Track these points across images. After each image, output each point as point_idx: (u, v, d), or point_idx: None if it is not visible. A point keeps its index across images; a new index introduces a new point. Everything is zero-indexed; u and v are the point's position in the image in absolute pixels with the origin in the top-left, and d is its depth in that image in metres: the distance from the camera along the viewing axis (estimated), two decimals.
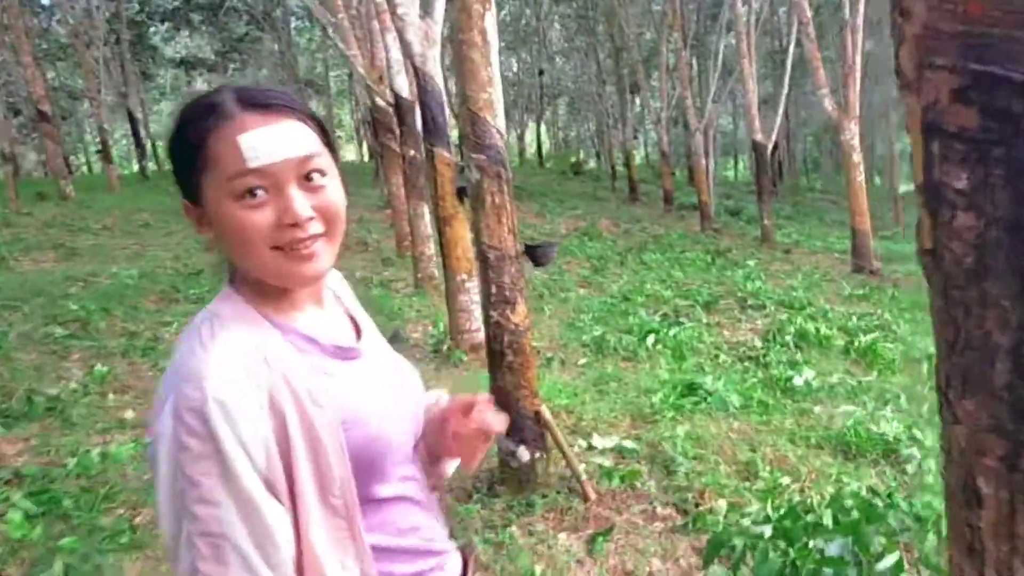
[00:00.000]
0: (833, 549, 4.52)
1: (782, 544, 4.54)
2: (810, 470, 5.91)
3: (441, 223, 8.41)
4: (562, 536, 4.92)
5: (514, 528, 4.91)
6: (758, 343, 9.83)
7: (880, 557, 4.53)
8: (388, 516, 1.56)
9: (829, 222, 33.33)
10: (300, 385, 1.36)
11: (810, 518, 4.99)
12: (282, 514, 1.31)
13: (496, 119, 4.99)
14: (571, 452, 5.23)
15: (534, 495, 5.16)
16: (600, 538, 4.84)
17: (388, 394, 1.58)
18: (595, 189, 34.67)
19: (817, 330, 10.08)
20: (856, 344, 9.70)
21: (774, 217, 22.54)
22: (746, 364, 9.06)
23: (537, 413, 5.17)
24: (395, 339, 9.34)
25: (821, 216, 35.55)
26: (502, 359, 5.11)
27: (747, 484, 5.65)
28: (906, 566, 4.59)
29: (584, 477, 5.21)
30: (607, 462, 5.86)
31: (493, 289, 5.09)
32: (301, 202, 1.33)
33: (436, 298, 10.68)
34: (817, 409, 7.54)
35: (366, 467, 1.46)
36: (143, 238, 16.20)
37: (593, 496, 5.21)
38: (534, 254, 10.59)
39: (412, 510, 1.63)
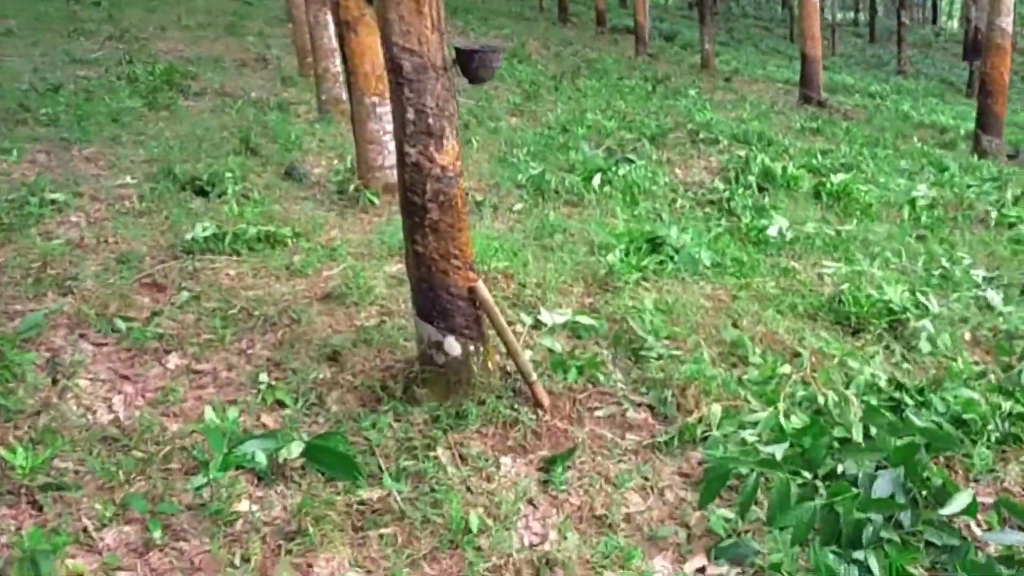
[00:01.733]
0: (881, 487, 3.31)
1: (805, 474, 3.31)
2: (810, 352, 4.68)
3: (345, 29, 6.65)
4: (506, 461, 3.60)
5: (440, 451, 3.57)
6: (718, 184, 8.48)
7: (941, 494, 3.35)
8: None
9: (765, 49, 31.80)
10: None
11: (836, 431, 3.78)
12: None
13: None
14: (516, 343, 3.84)
15: (467, 401, 3.81)
16: (558, 464, 3.53)
17: None
18: (522, 8, 32.20)
19: (784, 169, 8.76)
20: (827, 186, 8.45)
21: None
22: (707, 210, 7.73)
23: (471, 290, 3.74)
24: (291, 174, 7.70)
25: (756, 43, 33.94)
26: (423, 216, 3.61)
27: (738, 374, 4.39)
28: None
29: (534, 377, 3.84)
30: (559, 345, 4.51)
31: (410, 114, 3.53)
32: None
33: (344, 126, 8.97)
34: (796, 265, 6.29)
35: None
36: (3, 48, 13.76)
37: (546, 402, 3.86)
38: (469, 64, 8.70)
39: None
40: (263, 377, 4.11)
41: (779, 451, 3.47)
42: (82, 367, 4.10)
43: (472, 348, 3.82)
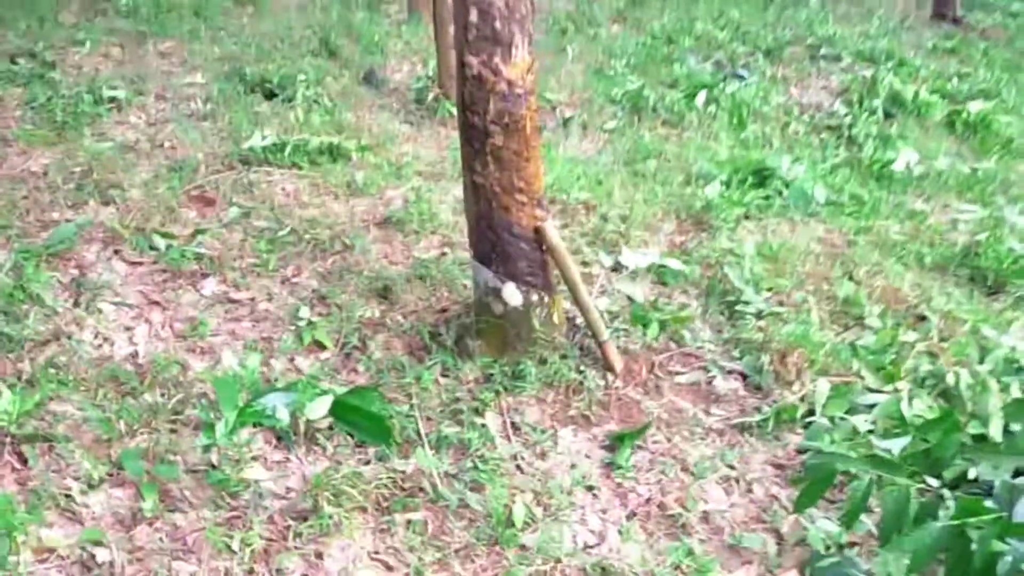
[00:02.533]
0: None
1: (930, 480, 2.70)
2: (938, 315, 3.98)
3: None
4: (565, 435, 3.07)
5: (489, 417, 3.08)
6: (839, 108, 7.58)
7: None
8: None
9: None
10: None
11: (972, 427, 3.12)
12: None
13: None
14: (586, 295, 3.27)
15: (526, 359, 3.29)
16: (627, 443, 2.99)
17: None
18: None
19: (915, 94, 7.77)
20: (962, 115, 7.45)
21: None
22: (824, 137, 6.87)
23: (538, 231, 3.16)
24: (369, 79, 7.15)
25: None
26: (484, 140, 3.04)
27: (851, 339, 3.74)
28: None
29: (605, 336, 3.28)
30: (640, 293, 3.92)
31: (473, 16, 2.92)
32: None
33: (432, 28, 8.34)
34: (925, 207, 5.49)
35: None
36: None
37: (619, 365, 3.30)
38: None
39: None
40: (304, 312, 3.66)
41: (898, 446, 2.87)
42: (109, 289, 3.72)
43: (535, 298, 3.27)
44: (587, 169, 5.27)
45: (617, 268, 4.17)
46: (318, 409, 2.90)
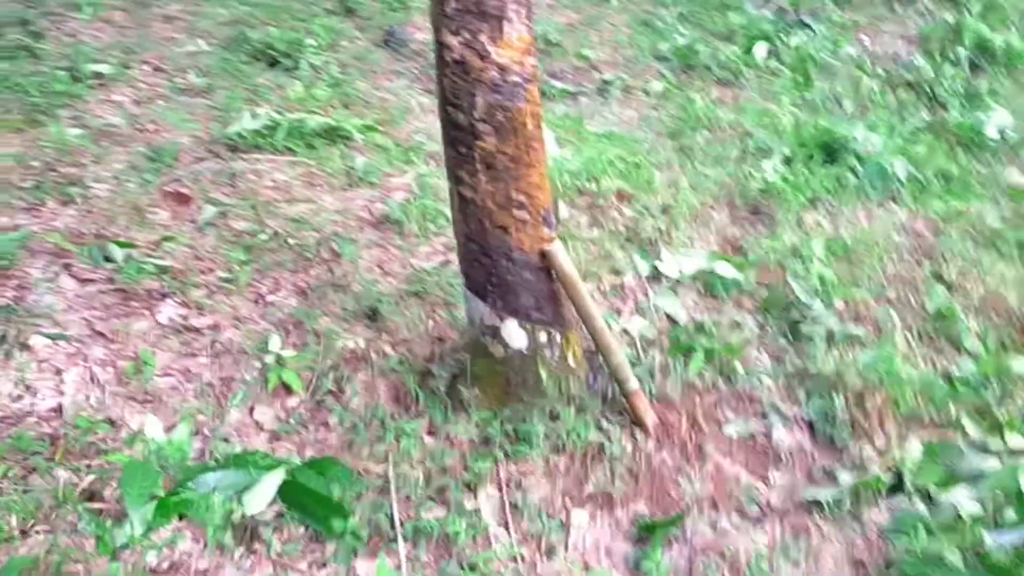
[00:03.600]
0: None
1: None
2: None
3: None
4: (579, 520, 2.41)
5: (483, 496, 2.43)
6: (918, 60, 6.64)
7: None
8: None
9: None
10: None
11: None
12: None
13: None
14: (608, 333, 2.56)
15: (533, 413, 2.62)
16: (658, 536, 2.32)
17: None
18: None
19: (1006, 43, 6.78)
20: None
21: None
22: (902, 95, 5.98)
23: (544, 255, 2.47)
24: (388, 42, 6.44)
25: None
26: (471, 143, 2.34)
27: (946, 370, 3.00)
28: None
29: (634, 384, 2.58)
30: (683, 311, 3.22)
31: None
32: None
33: None
34: (1021, 180, 4.65)
35: None
36: None
37: (651, 421, 2.62)
38: None
39: None
40: (274, 344, 3.04)
41: (1016, 541, 2.17)
42: (48, 317, 3.14)
43: (543, 337, 2.59)
44: (624, 147, 4.52)
45: (656, 276, 3.47)
46: (262, 495, 2.27)
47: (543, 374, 2.58)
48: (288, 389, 2.88)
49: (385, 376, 2.91)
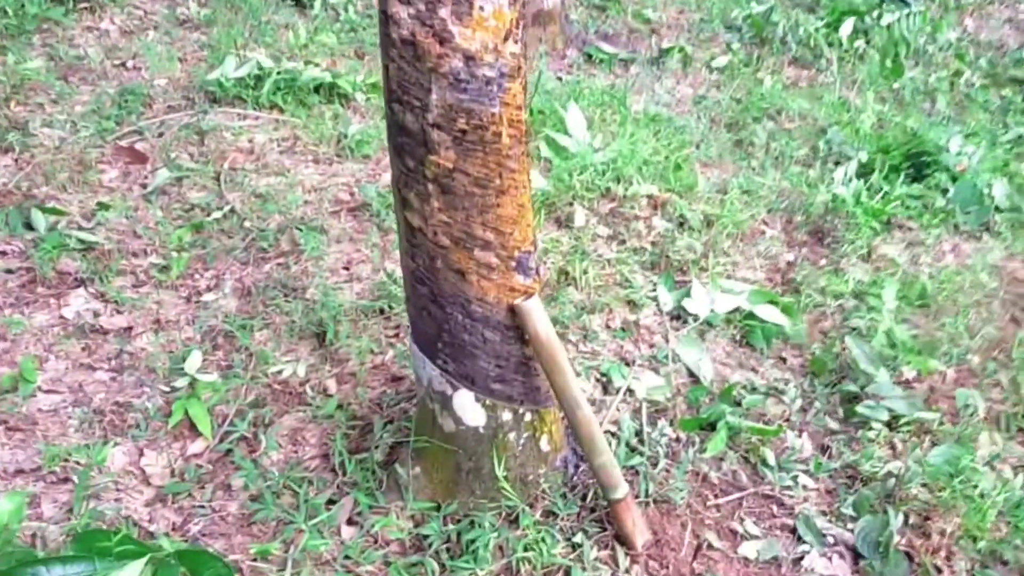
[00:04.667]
0: None
1: None
2: None
3: None
4: None
5: None
6: None
7: None
8: None
9: None
10: None
11: None
12: None
13: None
14: (593, 424, 1.89)
15: (485, 511, 1.97)
16: None
17: None
18: None
19: None
20: None
21: None
22: (1006, 93, 5.13)
23: (514, 311, 1.81)
24: None
25: None
26: (422, 157, 1.68)
27: None
28: None
29: (620, 492, 1.92)
30: (708, 369, 2.55)
31: None
32: None
33: None
34: None
35: None
36: None
37: (642, 539, 1.96)
38: None
39: None
40: (193, 362, 2.43)
41: None
42: None
43: (507, 416, 1.94)
44: (668, 137, 3.79)
45: (681, 315, 2.78)
46: None
47: (501, 464, 1.94)
48: (194, 430, 2.28)
49: (317, 423, 2.30)
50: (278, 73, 3.87)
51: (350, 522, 2.01)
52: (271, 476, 2.13)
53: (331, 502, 2.07)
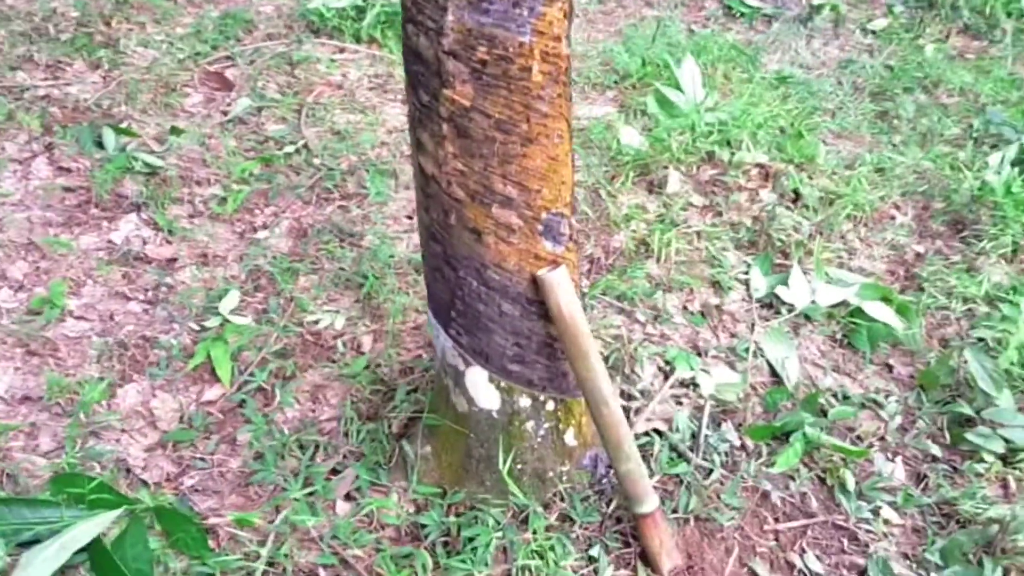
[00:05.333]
0: None
1: None
2: None
3: None
4: None
5: None
6: None
7: None
8: None
9: None
10: None
11: None
12: None
13: None
14: (622, 425, 1.60)
15: (491, 507, 1.73)
16: None
17: None
18: None
19: None
20: None
21: None
22: None
23: (537, 282, 1.54)
24: None
25: None
26: (437, 89, 1.41)
27: None
28: None
29: (648, 506, 1.63)
30: (794, 369, 2.21)
31: None
32: None
33: None
34: None
35: None
36: None
37: (670, 564, 1.67)
38: None
39: None
40: (229, 302, 2.28)
41: None
42: None
43: (525, 403, 1.67)
44: (797, 101, 3.37)
45: (774, 304, 2.43)
46: (47, 561, 1.56)
47: (511, 455, 1.68)
48: (215, 377, 2.12)
49: (341, 382, 2.10)
50: (381, 5, 3.66)
51: (348, 497, 1.81)
52: (280, 435, 1.95)
53: (335, 471, 1.88)
